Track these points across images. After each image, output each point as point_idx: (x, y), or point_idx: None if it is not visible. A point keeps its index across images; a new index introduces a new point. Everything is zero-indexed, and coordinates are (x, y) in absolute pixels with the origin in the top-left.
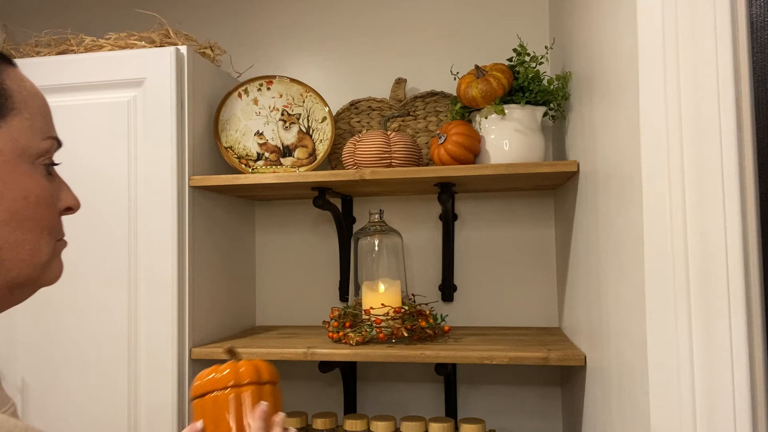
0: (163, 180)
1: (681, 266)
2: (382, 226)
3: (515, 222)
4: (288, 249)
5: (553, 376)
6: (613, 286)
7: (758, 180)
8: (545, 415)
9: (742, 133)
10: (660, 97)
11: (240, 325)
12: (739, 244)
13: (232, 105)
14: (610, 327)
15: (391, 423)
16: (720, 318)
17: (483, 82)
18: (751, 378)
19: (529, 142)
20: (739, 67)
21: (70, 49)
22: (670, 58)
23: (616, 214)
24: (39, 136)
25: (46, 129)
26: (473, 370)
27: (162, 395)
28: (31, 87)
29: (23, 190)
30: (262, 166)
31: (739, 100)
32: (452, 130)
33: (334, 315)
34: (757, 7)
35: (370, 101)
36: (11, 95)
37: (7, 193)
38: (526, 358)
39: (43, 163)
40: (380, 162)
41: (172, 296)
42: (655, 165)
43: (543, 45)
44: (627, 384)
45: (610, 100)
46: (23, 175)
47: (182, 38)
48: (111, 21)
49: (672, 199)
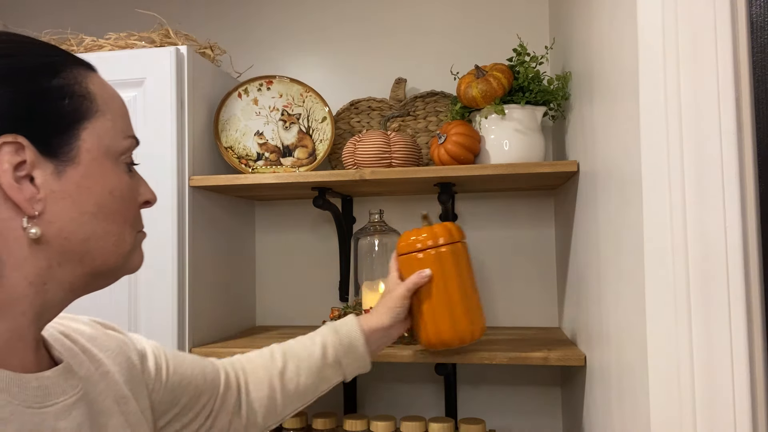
0: (163, 180)
1: (681, 266)
2: (382, 226)
3: (515, 222)
4: (288, 249)
5: (553, 376)
6: (613, 286)
7: (758, 180)
8: (545, 415)
9: (742, 133)
10: (660, 97)
11: (240, 325)
12: (739, 244)
13: (232, 105)
14: (610, 327)
15: (391, 423)
16: (720, 318)
17: (483, 82)
18: (751, 378)
19: (529, 142)
20: (739, 67)
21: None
22: (670, 59)
23: (616, 214)
24: (120, 135)
25: (126, 129)
26: (473, 370)
27: None
28: (111, 90)
29: (108, 185)
30: (262, 166)
31: (739, 100)
32: (452, 130)
33: (334, 315)
34: (757, 7)
35: (370, 101)
36: (95, 98)
37: (95, 188)
38: (526, 358)
39: (125, 161)
40: (380, 162)
41: (171, 296)
42: (655, 165)
43: (543, 45)
44: (627, 384)
45: (610, 100)
46: (108, 171)
47: (182, 38)
48: (111, 21)
49: (672, 199)
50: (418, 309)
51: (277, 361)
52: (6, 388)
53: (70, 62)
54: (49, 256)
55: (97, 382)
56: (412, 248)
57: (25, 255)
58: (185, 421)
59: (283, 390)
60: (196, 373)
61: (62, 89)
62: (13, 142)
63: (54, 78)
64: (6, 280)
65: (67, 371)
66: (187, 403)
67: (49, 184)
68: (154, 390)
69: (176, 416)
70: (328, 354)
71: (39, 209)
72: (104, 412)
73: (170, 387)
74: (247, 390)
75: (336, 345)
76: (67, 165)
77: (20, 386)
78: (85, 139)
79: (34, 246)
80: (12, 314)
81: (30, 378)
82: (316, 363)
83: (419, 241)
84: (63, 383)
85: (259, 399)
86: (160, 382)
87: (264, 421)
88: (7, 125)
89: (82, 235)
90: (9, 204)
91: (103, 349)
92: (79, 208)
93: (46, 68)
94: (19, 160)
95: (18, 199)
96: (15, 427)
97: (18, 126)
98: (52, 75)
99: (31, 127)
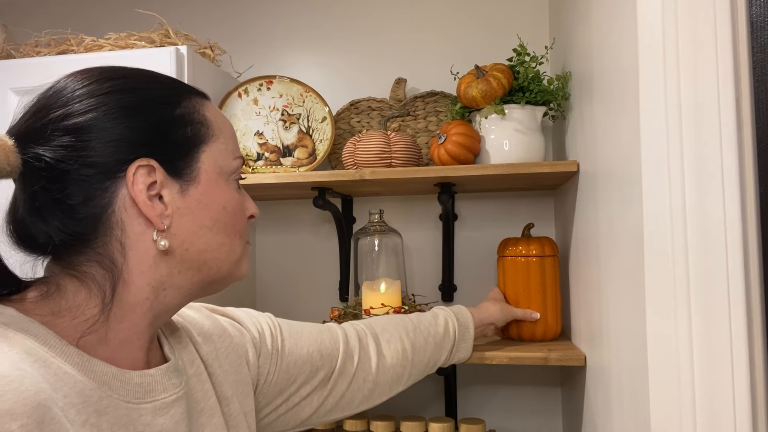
0: None
1: (681, 266)
2: (382, 226)
3: (515, 222)
4: (288, 249)
5: (553, 376)
6: (613, 286)
7: (758, 180)
8: (545, 415)
9: (742, 133)
10: (660, 97)
11: None
12: (739, 244)
13: (232, 105)
14: (610, 327)
15: (391, 423)
16: (720, 318)
17: (483, 82)
18: (751, 378)
19: (529, 142)
20: (739, 67)
21: (70, 49)
22: (670, 58)
23: (616, 214)
24: (231, 156)
25: (235, 150)
26: (473, 370)
27: None
28: (222, 116)
29: (222, 201)
30: (262, 166)
31: (739, 100)
32: (452, 130)
33: (334, 315)
34: (757, 7)
35: (370, 101)
36: (211, 124)
37: (211, 204)
38: (526, 358)
39: (235, 178)
40: (380, 162)
41: None
42: (655, 165)
43: (543, 45)
44: (627, 384)
45: (610, 100)
46: (222, 189)
47: (182, 38)
48: (111, 21)
49: (672, 199)
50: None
51: (409, 331)
52: (108, 382)
53: (189, 93)
54: (171, 265)
55: (204, 381)
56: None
57: (150, 264)
58: (303, 394)
59: (413, 362)
60: (312, 350)
61: (184, 117)
62: (146, 165)
63: (177, 108)
64: (133, 285)
65: (172, 369)
66: (304, 381)
67: (175, 202)
68: (270, 372)
69: (295, 392)
70: (449, 334)
71: (167, 224)
72: (204, 411)
73: (285, 368)
74: (380, 352)
75: (456, 327)
76: (190, 184)
77: (123, 381)
78: (203, 160)
79: (159, 256)
80: (134, 316)
81: (134, 374)
82: (439, 341)
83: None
84: (166, 381)
85: (392, 366)
86: (276, 364)
87: (390, 389)
88: (141, 150)
89: (200, 246)
90: (142, 219)
91: (215, 347)
92: (198, 222)
93: (169, 99)
94: (151, 180)
95: (151, 215)
96: (110, 419)
97: (150, 151)
98: (175, 105)
99: (160, 152)
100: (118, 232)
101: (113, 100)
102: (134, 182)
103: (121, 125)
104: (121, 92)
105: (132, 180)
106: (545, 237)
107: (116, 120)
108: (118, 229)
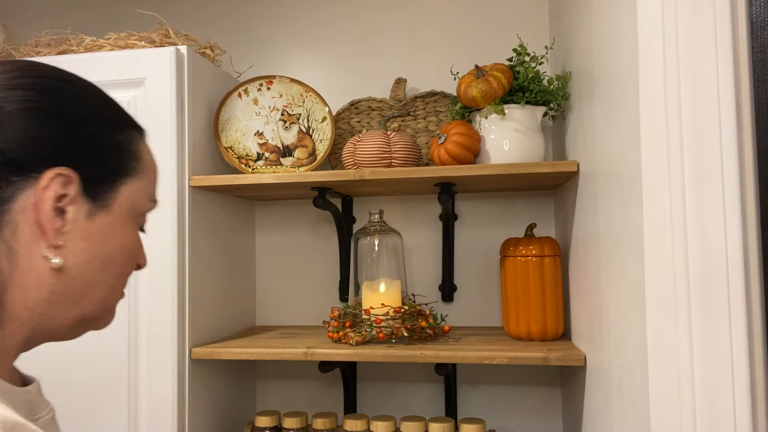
0: (163, 180)
1: (681, 266)
2: (382, 226)
3: (515, 222)
4: (288, 249)
5: (553, 376)
6: (613, 286)
7: (758, 180)
8: (545, 415)
9: (742, 133)
10: (660, 97)
11: (240, 325)
12: (739, 243)
13: (232, 105)
14: (610, 327)
15: (391, 423)
16: (720, 318)
17: (483, 82)
18: (751, 378)
19: (529, 142)
20: (739, 67)
21: (70, 49)
22: (670, 58)
23: (616, 215)
24: (147, 197)
25: (153, 193)
26: (473, 370)
27: (162, 395)
28: (153, 158)
29: (124, 239)
30: (262, 166)
31: (739, 100)
32: (452, 130)
33: (334, 315)
34: (757, 7)
35: (370, 101)
36: (141, 161)
37: (112, 238)
38: (526, 358)
39: (140, 223)
40: (380, 162)
41: (172, 296)
42: (655, 165)
43: (543, 45)
44: (627, 384)
45: (610, 100)
46: (127, 227)
47: (182, 38)
48: (111, 21)
49: (672, 199)
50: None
51: None
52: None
53: (133, 124)
54: (53, 291)
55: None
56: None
57: (33, 282)
58: None
59: None
60: None
61: (121, 144)
62: (65, 175)
63: (119, 133)
64: (10, 296)
65: (40, 388)
66: None
67: (78, 222)
68: None
69: None
70: None
71: (61, 242)
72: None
73: None
74: None
75: None
76: (100, 211)
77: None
78: (122, 192)
79: (47, 274)
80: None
81: (21, 391)
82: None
83: (516, 251)
84: (41, 399)
85: None
86: None
87: None
88: (67, 159)
89: (88, 278)
90: (36, 228)
91: None
92: (93, 253)
93: (117, 122)
94: (63, 192)
95: (48, 225)
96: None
97: (75, 162)
98: (119, 130)
99: (85, 168)
100: (8, 233)
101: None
102: (48, 187)
103: (58, 127)
104: (73, 96)
105: (46, 184)
106: (547, 237)
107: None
108: (9, 230)
